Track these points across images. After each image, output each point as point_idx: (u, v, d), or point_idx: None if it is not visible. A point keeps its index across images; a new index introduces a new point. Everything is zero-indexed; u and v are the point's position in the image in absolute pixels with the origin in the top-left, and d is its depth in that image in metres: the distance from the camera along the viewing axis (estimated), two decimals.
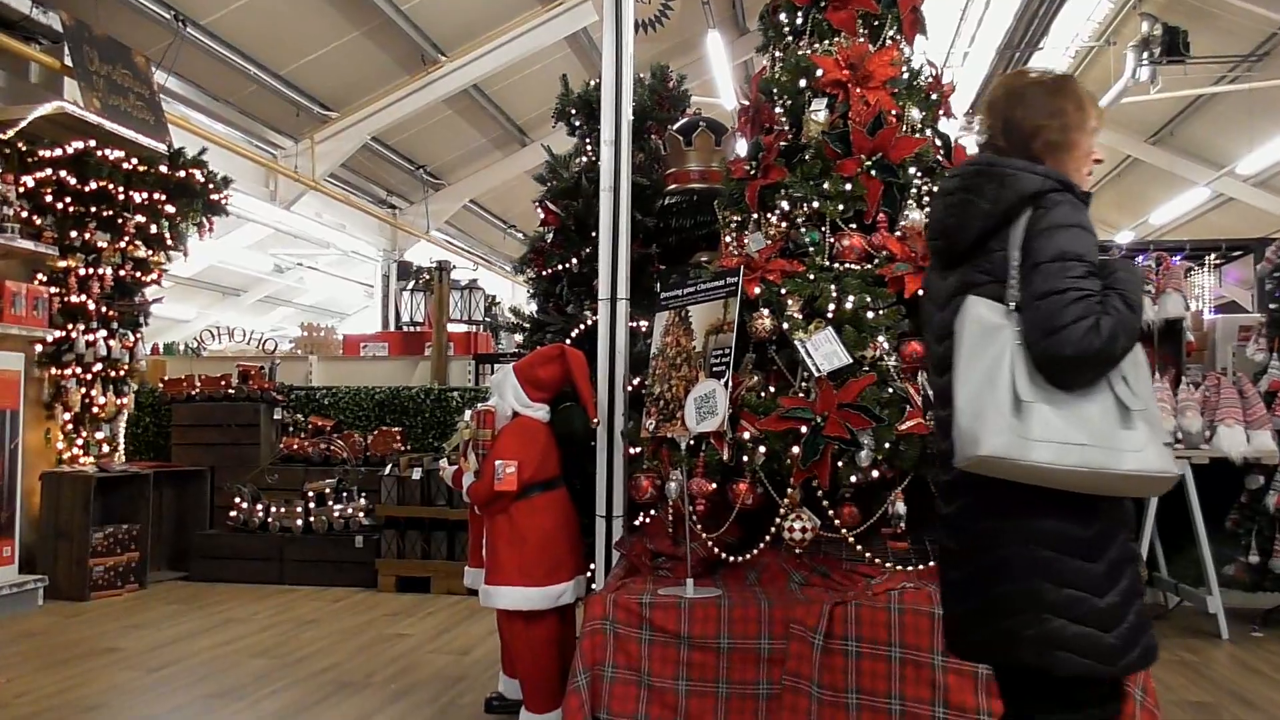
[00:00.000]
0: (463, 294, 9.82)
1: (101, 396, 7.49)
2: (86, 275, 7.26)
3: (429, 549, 7.31)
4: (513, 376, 4.04)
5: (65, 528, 6.92)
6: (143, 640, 5.73)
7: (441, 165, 14.28)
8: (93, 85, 7.40)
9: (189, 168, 7.59)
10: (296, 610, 6.62)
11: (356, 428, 8.29)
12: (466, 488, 4.00)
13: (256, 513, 7.71)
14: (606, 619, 3.24)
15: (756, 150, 3.73)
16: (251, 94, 10.34)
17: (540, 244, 5.05)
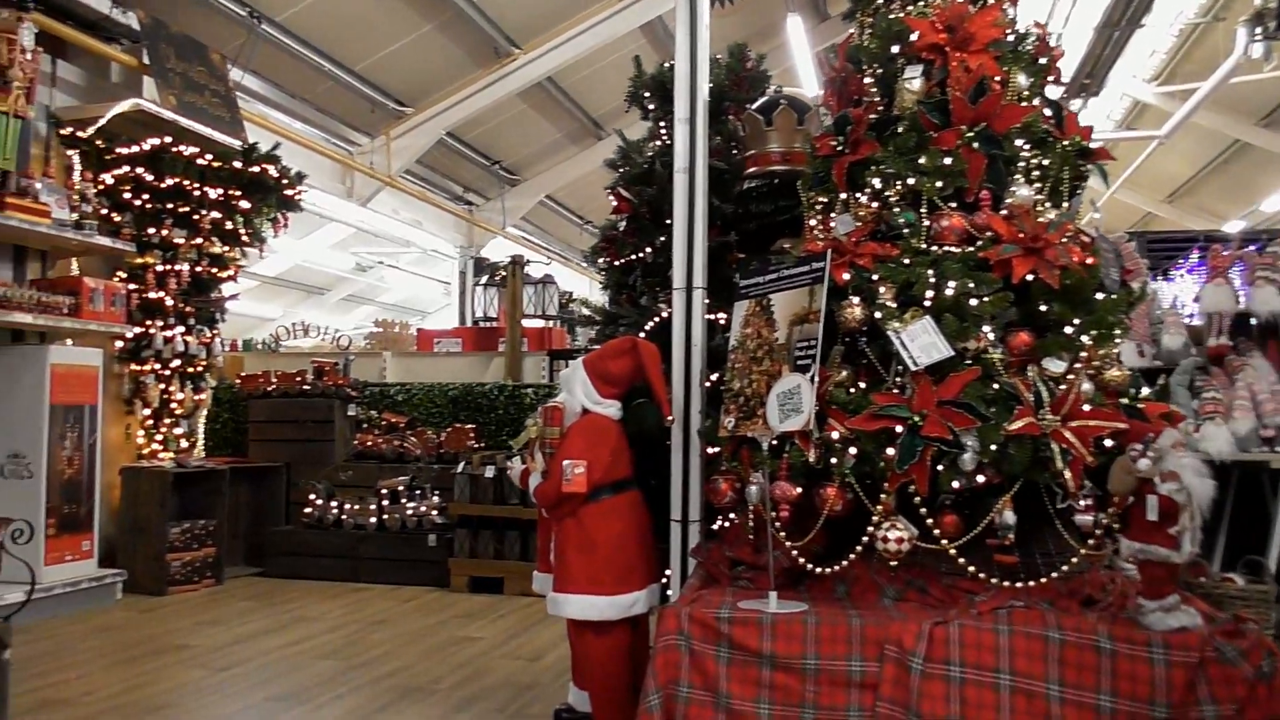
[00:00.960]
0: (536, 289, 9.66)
1: (179, 392, 7.48)
2: (164, 272, 7.25)
3: (502, 549, 7.15)
4: (582, 371, 3.81)
5: (143, 523, 6.91)
6: (213, 638, 5.66)
7: (517, 160, 14.16)
8: (169, 83, 7.39)
9: (262, 163, 7.54)
10: (367, 610, 6.50)
11: (430, 424, 8.17)
12: (533, 488, 3.78)
13: (330, 509, 7.64)
14: (681, 634, 2.98)
15: (844, 124, 3.43)
16: (327, 90, 10.32)
17: (612, 233, 4.81)
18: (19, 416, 6.13)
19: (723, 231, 4.53)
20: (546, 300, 9.54)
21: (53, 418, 6.13)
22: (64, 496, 6.21)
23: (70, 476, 6.27)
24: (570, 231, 17.75)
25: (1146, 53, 13.69)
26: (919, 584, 3.12)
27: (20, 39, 5.95)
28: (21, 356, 6.20)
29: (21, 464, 6.09)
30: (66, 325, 6.28)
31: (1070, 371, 3.00)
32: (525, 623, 6.12)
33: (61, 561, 6.17)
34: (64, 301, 6.30)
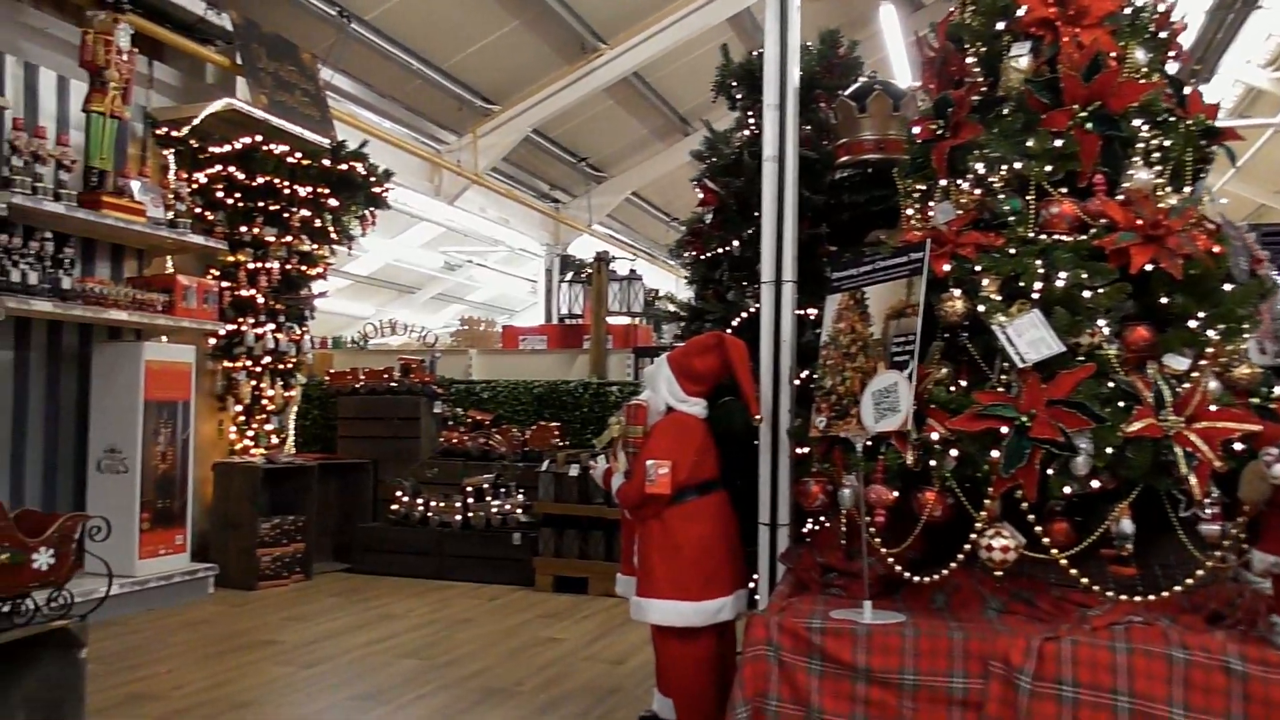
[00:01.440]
0: (622, 285, 9.57)
1: (270, 389, 7.58)
2: (255, 269, 7.35)
3: (586, 548, 7.07)
4: (666, 368, 3.69)
5: (235, 518, 7.01)
6: (301, 633, 5.68)
7: (603, 157, 14.11)
8: (260, 82, 7.49)
9: (350, 160, 7.58)
10: (452, 608, 6.48)
11: (515, 422, 8.14)
12: (615, 489, 3.67)
13: (416, 506, 7.66)
14: (770, 644, 2.83)
15: (945, 106, 3.23)
16: (415, 89, 10.39)
17: (698, 226, 4.67)
18: (115, 412, 6.26)
19: (813, 223, 4.36)
20: (632, 297, 9.45)
21: (147, 414, 6.24)
22: (158, 491, 6.32)
23: (164, 472, 6.38)
24: (657, 229, 17.65)
25: (1262, 36, 13.00)
26: (1025, 596, 2.92)
27: (116, 40, 6.07)
28: (117, 353, 6.33)
29: (117, 459, 6.21)
30: (160, 322, 6.39)
31: (1194, 369, 2.77)
32: (609, 624, 6.02)
33: (155, 555, 6.28)
34: (158, 299, 6.41)
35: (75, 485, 6.35)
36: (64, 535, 3.07)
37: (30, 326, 6.09)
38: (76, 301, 5.85)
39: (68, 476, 6.33)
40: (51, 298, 5.70)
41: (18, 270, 5.52)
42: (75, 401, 6.38)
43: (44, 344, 6.21)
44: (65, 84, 6.34)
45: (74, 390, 6.39)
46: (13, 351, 6.00)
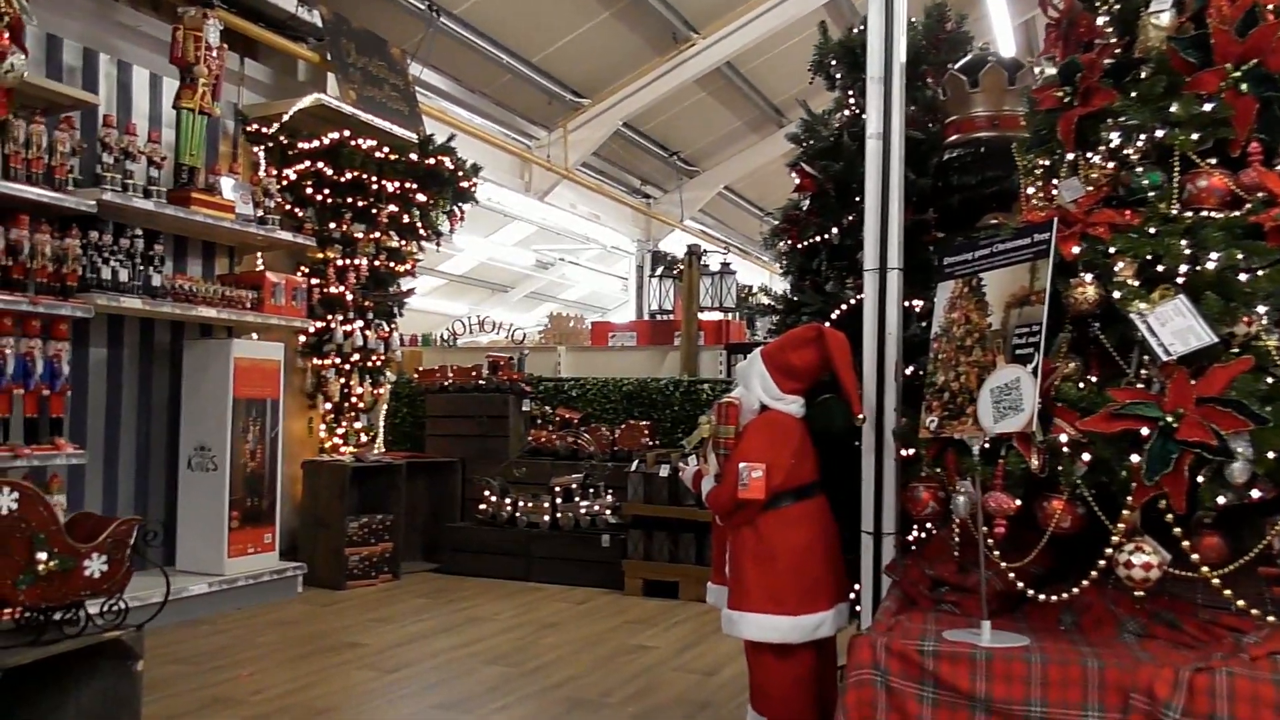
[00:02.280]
0: (714, 280, 9.30)
1: (359, 387, 7.53)
2: (344, 266, 7.30)
3: (676, 551, 6.84)
4: (760, 363, 3.43)
5: (324, 516, 6.97)
6: (385, 636, 5.58)
7: (695, 151, 13.86)
8: (349, 77, 7.44)
9: (438, 155, 7.49)
10: (539, 611, 6.32)
11: (604, 420, 7.95)
12: (706, 493, 3.42)
13: (505, 506, 7.53)
14: (877, 668, 2.55)
15: (1072, 72, 2.90)
16: (505, 84, 10.30)
17: (794, 213, 4.39)
18: (205, 410, 6.25)
19: (918, 209, 4.04)
20: (724, 292, 9.17)
21: (236, 411, 6.22)
22: (246, 489, 6.30)
23: (253, 470, 6.35)
24: (750, 224, 17.31)
25: None
26: (1168, 618, 2.58)
27: (205, 36, 6.06)
28: (206, 350, 6.33)
29: (207, 457, 6.21)
30: (249, 319, 6.37)
31: None
32: (700, 632, 5.78)
33: (244, 554, 6.26)
34: (247, 296, 6.39)
35: (167, 483, 6.37)
36: (117, 540, 2.95)
37: (123, 324, 6.12)
38: (166, 299, 5.85)
39: (160, 474, 6.35)
40: (141, 295, 5.70)
41: (108, 267, 5.53)
42: (167, 399, 6.40)
43: (136, 341, 6.23)
44: (158, 81, 6.36)
45: (166, 387, 6.41)
46: (106, 349, 6.03)
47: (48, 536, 2.65)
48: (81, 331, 5.80)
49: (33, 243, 5.07)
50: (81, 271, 5.36)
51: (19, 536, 2.58)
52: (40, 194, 5.09)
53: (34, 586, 2.66)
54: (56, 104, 5.41)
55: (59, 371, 5.22)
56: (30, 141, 5.11)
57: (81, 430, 5.83)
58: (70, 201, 5.24)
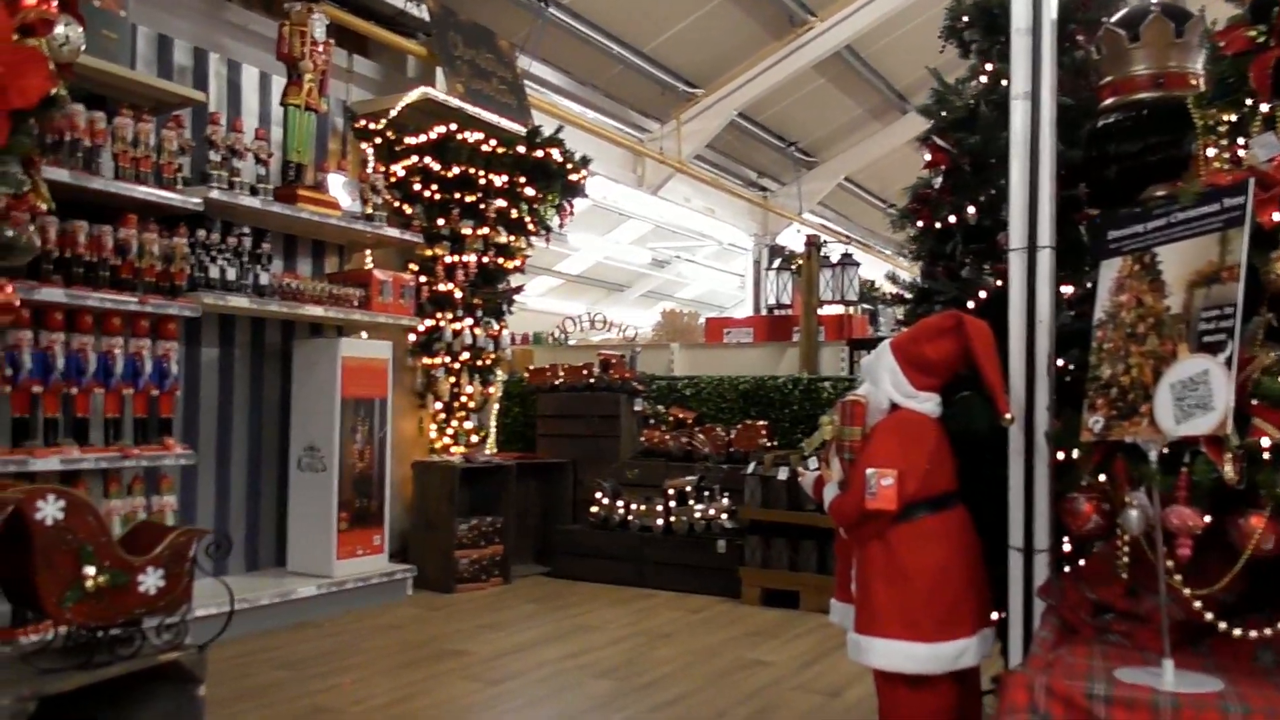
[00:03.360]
0: (835, 272, 8.85)
1: (469, 385, 7.38)
2: (452, 263, 7.16)
3: (796, 559, 6.46)
4: (890, 356, 3.06)
5: (433, 518, 6.84)
6: (492, 644, 5.38)
7: (814, 141, 13.39)
8: (456, 70, 7.30)
9: (546, 147, 7.28)
10: (653, 620, 6.03)
11: (719, 420, 7.62)
12: (829, 502, 3.07)
13: (616, 509, 7.27)
14: (1035, 712, 2.16)
15: (1266, 8, 2.45)
16: (616, 75, 10.06)
17: (925, 191, 3.98)
18: (314, 409, 6.17)
19: (1068, 183, 3.59)
20: (846, 284, 8.72)
21: (344, 411, 6.13)
22: (355, 490, 6.20)
23: (361, 470, 6.25)
24: (872, 216, 16.71)
25: None
26: None
27: (311, 31, 5.97)
28: (314, 349, 6.25)
29: (316, 457, 6.12)
30: (356, 317, 6.27)
31: None
32: (823, 646, 5.40)
33: (353, 556, 6.15)
34: (354, 294, 6.29)
35: (278, 483, 6.32)
36: (176, 553, 2.75)
37: (234, 324, 6.09)
38: (273, 297, 5.78)
39: (271, 474, 6.31)
40: (249, 294, 5.64)
41: (216, 266, 5.48)
42: (278, 398, 6.36)
43: (247, 341, 6.20)
44: (267, 80, 6.32)
45: (277, 387, 6.36)
46: (217, 349, 6.00)
47: (97, 549, 2.46)
48: (193, 331, 5.79)
49: (140, 242, 5.04)
50: (189, 270, 5.31)
51: (65, 549, 2.40)
52: (148, 193, 5.05)
53: (82, 603, 2.46)
54: (165, 103, 5.39)
55: (168, 371, 5.18)
56: (138, 140, 5.08)
57: (194, 430, 5.81)
58: (177, 200, 5.20)
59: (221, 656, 4.95)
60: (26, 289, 4.50)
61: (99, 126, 4.90)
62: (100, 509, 4.81)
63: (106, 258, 4.91)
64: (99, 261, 4.88)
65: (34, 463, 4.52)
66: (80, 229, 4.80)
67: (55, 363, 4.69)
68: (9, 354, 4.52)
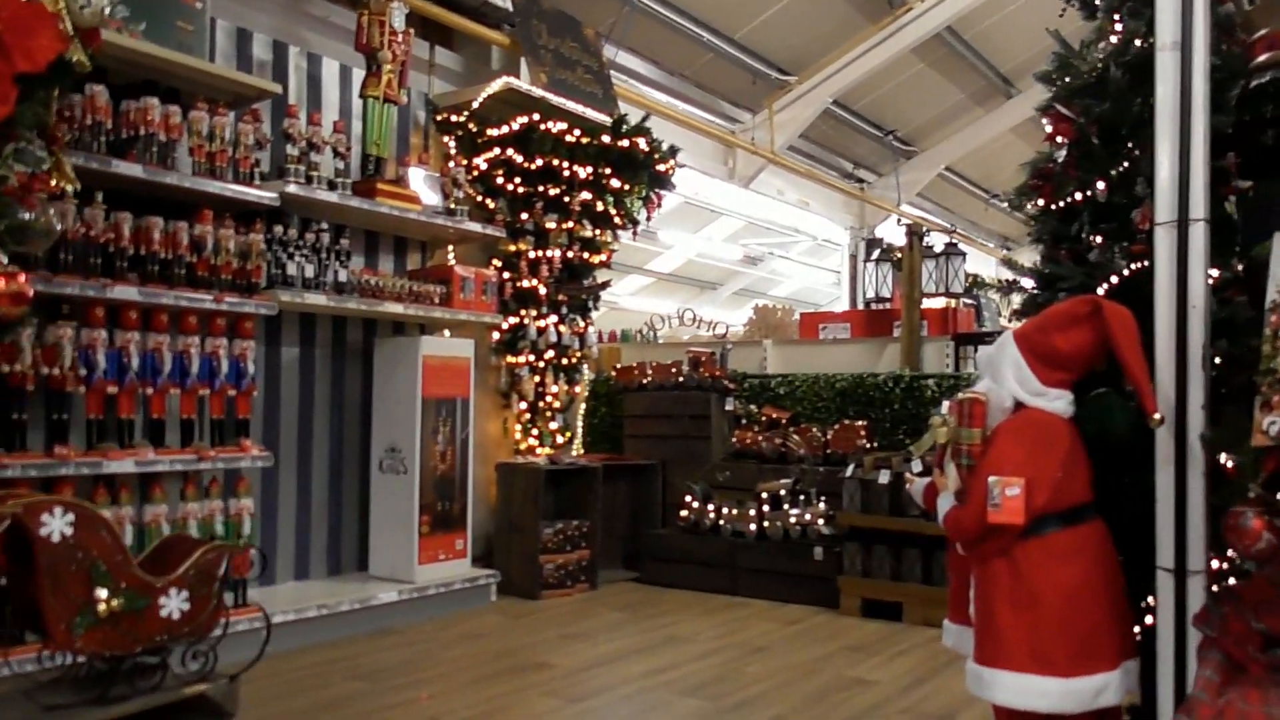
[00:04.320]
0: (938, 263, 8.36)
1: (554, 385, 7.15)
2: (536, 258, 6.94)
3: (899, 568, 6.05)
4: (1013, 348, 2.69)
5: (518, 522, 6.62)
6: (577, 655, 5.12)
7: (913, 129, 12.85)
8: (540, 60, 7.08)
9: (632, 136, 7.00)
10: (746, 631, 5.70)
11: (815, 420, 7.25)
12: (943, 514, 2.71)
13: (707, 513, 6.95)
14: None
15: None
16: (705, 64, 9.73)
17: (1047, 166, 3.57)
18: (395, 410, 6.01)
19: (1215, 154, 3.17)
20: (951, 275, 8.22)
21: (425, 411, 5.94)
22: (437, 493, 6.01)
23: (443, 473, 6.06)
24: (974, 207, 16.04)
25: None
26: None
27: (390, 20, 5.80)
28: (395, 348, 6.08)
29: (397, 459, 5.96)
30: (437, 315, 6.09)
31: None
32: (929, 663, 5.00)
33: (435, 561, 5.96)
34: (435, 291, 6.11)
35: (360, 486, 6.17)
36: (202, 572, 2.51)
37: (315, 322, 5.96)
38: (352, 295, 5.62)
39: (354, 476, 6.17)
40: (326, 291, 5.50)
41: (293, 263, 5.34)
42: (360, 398, 6.21)
43: (329, 339, 6.06)
44: (348, 73, 6.18)
45: (358, 387, 6.22)
46: (298, 348, 5.88)
47: (111, 568, 2.20)
48: (273, 330, 5.68)
49: (216, 238, 4.92)
50: (266, 267, 5.18)
51: (75, 569, 2.15)
52: (222, 188, 4.93)
53: (95, 630, 2.21)
54: (242, 96, 5.26)
55: (244, 371, 5.06)
56: (214, 135, 4.96)
57: (274, 431, 5.70)
58: (252, 194, 5.07)
59: (300, 665, 4.80)
60: (100, 287, 4.42)
61: (174, 120, 4.78)
62: (177, 512, 4.77)
63: (182, 255, 4.80)
64: (174, 259, 4.77)
65: (109, 465, 4.43)
66: (155, 225, 4.69)
67: (130, 362, 4.59)
68: (83, 354, 4.42)
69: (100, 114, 4.51)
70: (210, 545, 2.55)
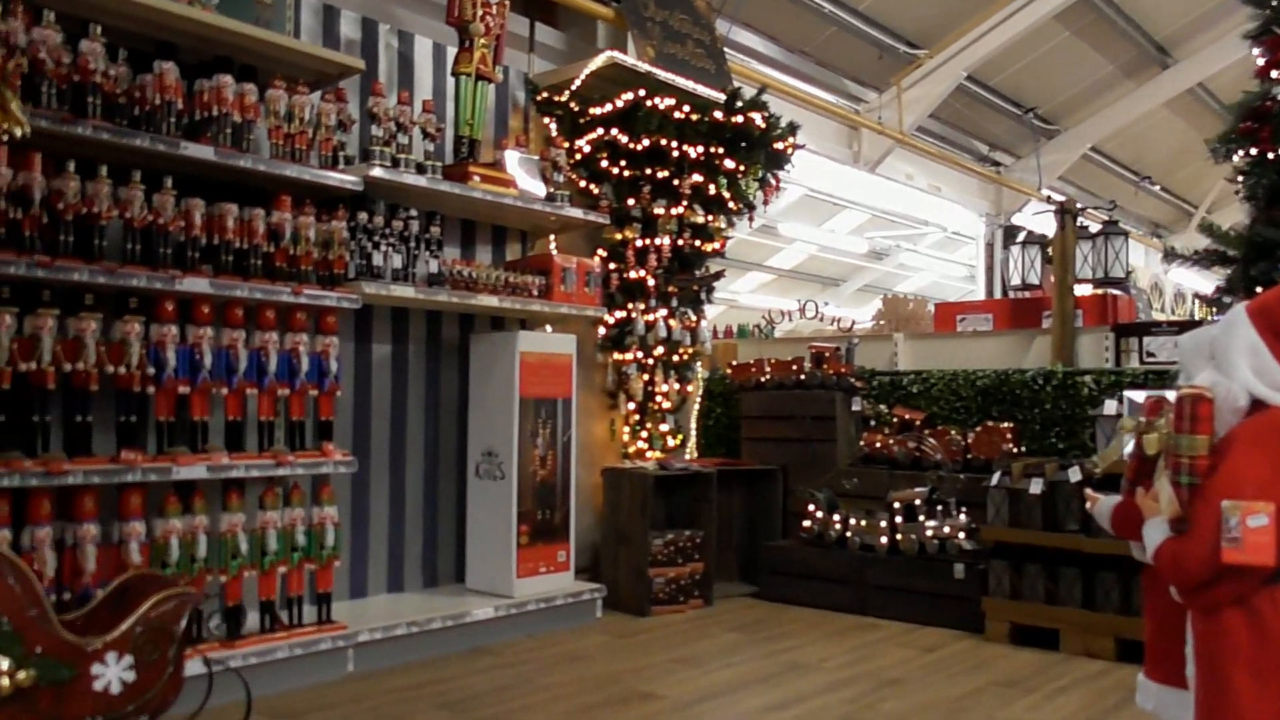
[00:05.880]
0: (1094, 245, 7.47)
1: (664, 384, 6.63)
2: (643, 247, 6.43)
3: (1055, 590, 5.32)
4: (1248, 327, 2.03)
5: (625, 531, 6.13)
6: (687, 684, 4.58)
7: (1055, 106, 11.87)
8: (646, 33, 6.57)
9: (747, 112, 6.42)
10: (878, 659, 5.07)
11: (953, 422, 6.53)
12: (1155, 547, 2.07)
13: (833, 524, 6.32)
14: None
15: None
16: (828, 39, 9.08)
17: (1264, 104, 2.88)
18: (491, 411, 5.59)
19: None
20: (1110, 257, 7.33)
21: (523, 412, 5.50)
22: (537, 500, 5.56)
23: (543, 478, 5.61)
24: (1123, 191, 14.84)
25: None
26: None
27: None
28: (491, 344, 5.65)
29: (494, 463, 5.53)
30: (535, 308, 5.63)
31: None
32: (1097, 704, 4.29)
33: (535, 574, 5.52)
34: (534, 282, 5.65)
35: (456, 492, 5.77)
36: (154, 630, 1.95)
37: (407, 317, 5.59)
38: (443, 286, 5.21)
39: (450, 482, 5.77)
40: (414, 282, 5.10)
41: (379, 253, 4.95)
42: (456, 398, 5.82)
43: (422, 336, 5.68)
44: (441, 52, 5.80)
45: (454, 386, 5.82)
46: (390, 345, 5.51)
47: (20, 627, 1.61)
48: (363, 325, 5.32)
49: (295, 226, 4.56)
50: (349, 257, 4.81)
51: None
52: (301, 171, 4.57)
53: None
54: (325, 74, 4.91)
55: (327, 369, 4.69)
56: (292, 115, 4.61)
57: (364, 434, 5.34)
58: (334, 179, 4.70)
59: (386, 688, 4.41)
60: (169, 279, 4.09)
61: (249, 100, 4.44)
62: (256, 521, 4.42)
63: (258, 244, 4.44)
64: (250, 248, 4.43)
65: (179, 470, 4.10)
66: (229, 213, 4.35)
67: (203, 360, 4.25)
68: (152, 351, 4.10)
69: (170, 93, 4.19)
70: (166, 593, 2.03)
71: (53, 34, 3.84)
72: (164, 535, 4.03)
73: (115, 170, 4.03)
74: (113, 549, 3.92)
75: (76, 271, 3.86)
